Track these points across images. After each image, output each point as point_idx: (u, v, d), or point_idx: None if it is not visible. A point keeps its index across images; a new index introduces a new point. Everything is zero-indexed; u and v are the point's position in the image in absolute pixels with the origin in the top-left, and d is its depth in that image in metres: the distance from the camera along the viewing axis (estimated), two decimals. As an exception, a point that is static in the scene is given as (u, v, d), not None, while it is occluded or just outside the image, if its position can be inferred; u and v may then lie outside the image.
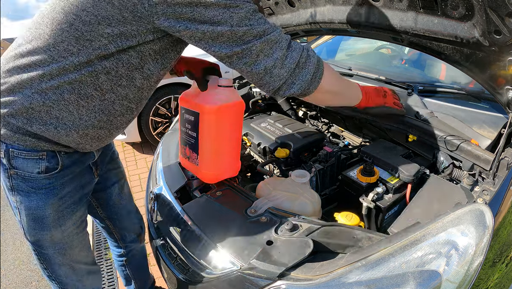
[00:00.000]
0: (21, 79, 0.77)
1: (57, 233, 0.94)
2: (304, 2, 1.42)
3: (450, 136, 1.08)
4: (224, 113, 0.96)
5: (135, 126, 3.16)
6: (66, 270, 1.03)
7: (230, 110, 0.97)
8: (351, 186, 1.17)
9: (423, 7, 0.99)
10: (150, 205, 1.32)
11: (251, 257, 0.82)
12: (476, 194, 0.88)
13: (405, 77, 1.60)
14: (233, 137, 1.03)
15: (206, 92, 0.97)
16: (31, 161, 0.83)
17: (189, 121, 1.00)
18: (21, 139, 0.81)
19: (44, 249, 0.96)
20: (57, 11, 0.75)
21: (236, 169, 1.11)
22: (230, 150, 1.05)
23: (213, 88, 0.98)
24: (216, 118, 0.95)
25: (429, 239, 0.71)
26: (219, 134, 0.98)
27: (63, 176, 0.89)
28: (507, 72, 0.93)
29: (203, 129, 0.96)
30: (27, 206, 0.88)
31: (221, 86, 0.96)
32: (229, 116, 0.98)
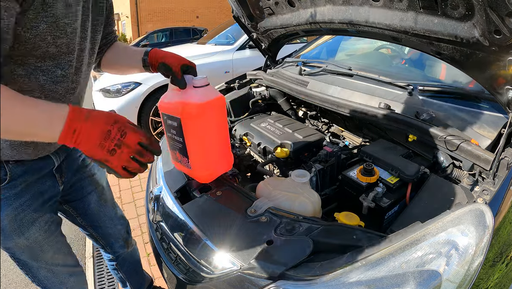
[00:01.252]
0: None
1: (21, 241, 0.91)
2: (304, 2, 1.42)
3: (450, 136, 1.08)
4: (205, 113, 0.93)
5: (135, 126, 3.16)
6: (45, 273, 1.02)
7: (211, 109, 0.94)
8: (351, 186, 1.17)
9: (423, 7, 0.99)
10: (150, 205, 1.32)
11: (251, 257, 0.82)
12: (476, 194, 0.88)
13: (405, 77, 1.60)
14: (219, 133, 1.01)
15: (183, 95, 0.92)
16: None
17: (173, 127, 0.96)
18: None
19: (17, 256, 0.95)
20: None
21: (229, 163, 1.09)
22: (219, 147, 1.03)
23: (189, 90, 0.92)
24: (198, 120, 0.92)
25: (429, 239, 0.71)
26: (205, 135, 0.96)
27: (14, 186, 0.85)
28: (507, 72, 0.93)
29: (187, 133, 0.93)
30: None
31: (196, 87, 0.91)
32: (211, 114, 0.95)
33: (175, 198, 1.16)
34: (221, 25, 5.06)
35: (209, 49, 3.84)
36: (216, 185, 1.15)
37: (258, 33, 1.90)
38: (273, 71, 2.03)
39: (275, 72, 2.00)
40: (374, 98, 1.42)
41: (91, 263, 2.15)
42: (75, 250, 2.31)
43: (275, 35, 1.80)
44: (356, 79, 1.61)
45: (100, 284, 1.97)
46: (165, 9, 17.53)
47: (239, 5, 1.70)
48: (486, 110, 1.17)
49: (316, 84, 1.68)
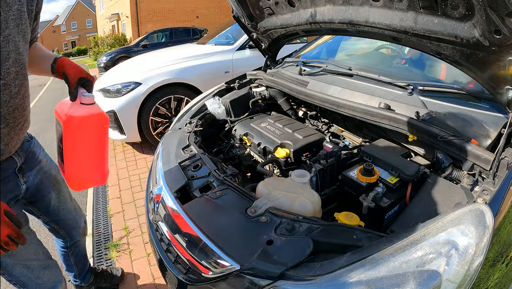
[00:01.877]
0: None
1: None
2: (304, 2, 1.42)
3: (450, 137, 1.08)
4: (82, 127, 0.98)
5: (135, 126, 3.16)
6: (20, 269, 1.07)
7: (89, 125, 1.00)
8: (351, 186, 1.17)
9: (423, 7, 0.99)
10: (150, 205, 1.32)
11: (251, 257, 0.82)
12: (476, 194, 0.88)
13: (405, 77, 1.60)
14: (95, 148, 1.06)
15: (72, 106, 0.98)
16: None
17: (59, 131, 1.01)
18: None
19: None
20: None
21: (103, 178, 1.11)
22: (92, 161, 1.07)
23: (77, 103, 0.99)
24: (75, 132, 0.97)
25: (429, 239, 0.71)
26: (79, 146, 1.01)
27: None
28: (507, 72, 0.93)
29: (65, 140, 0.98)
30: None
31: (83, 104, 0.98)
32: (88, 130, 1.01)
33: (175, 198, 1.16)
34: (221, 25, 5.05)
35: (209, 49, 3.84)
36: (216, 185, 1.15)
37: (258, 33, 1.90)
38: (273, 71, 2.03)
39: (275, 72, 2.00)
40: (374, 98, 1.42)
41: (91, 263, 2.15)
42: (75, 250, 2.31)
43: (275, 35, 1.80)
44: (356, 79, 1.61)
45: (100, 284, 1.97)
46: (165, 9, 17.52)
47: (239, 5, 1.70)
48: (486, 110, 1.17)
49: (316, 84, 1.68)
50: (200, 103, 1.95)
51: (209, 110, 1.80)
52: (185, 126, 1.70)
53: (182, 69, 3.30)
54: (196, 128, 1.66)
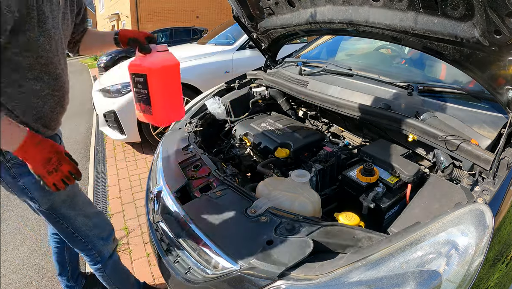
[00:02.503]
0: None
1: (61, 192, 1.09)
2: (304, 2, 1.42)
3: (450, 136, 1.08)
4: (164, 71, 1.20)
5: (135, 126, 3.16)
6: (81, 219, 1.23)
7: (169, 69, 1.21)
8: (351, 186, 1.17)
9: (423, 7, 0.99)
10: (150, 205, 1.32)
11: (251, 257, 0.82)
12: (476, 193, 0.88)
13: (405, 77, 1.60)
14: (174, 89, 1.28)
15: (149, 58, 1.19)
16: None
17: (140, 82, 1.22)
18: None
19: (58, 210, 1.16)
20: None
21: (182, 113, 1.35)
22: (174, 99, 1.29)
23: (154, 54, 1.20)
24: (159, 75, 1.18)
25: (429, 239, 0.71)
26: (164, 87, 1.23)
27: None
28: (507, 72, 0.93)
29: (151, 85, 1.18)
30: (32, 182, 1.06)
31: (159, 52, 1.20)
32: (169, 74, 1.22)
33: (175, 198, 1.16)
34: (221, 25, 5.05)
35: (209, 49, 3.84)
36: (216, 185, 1.15)
37: (258, 33, 1.90)
38: (273, 71, 2.03)
39: (275, 72, 2.00)
40: (374, 98, 1.42)
41: (91, 263, 2.15)
42: (75, 250, 2.32)
43: (275, 35, 1.80)
44: (356, 79, 1.61)
45: (100, 284, 1.97)
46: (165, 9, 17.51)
47: (239, 5, 1.70)
48: (486, 110, 1.17)
49: (316, 84, 1.68)
50: (200, 103, 1.95)
51: (209, 110, 1.80)
52: (185, 126, 1.70)
53: (182, 69, 3.28)
54: (196, 128, 1.66)
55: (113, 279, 1.41)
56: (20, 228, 2.69)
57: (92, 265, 1.35)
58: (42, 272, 2.14)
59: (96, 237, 1.29)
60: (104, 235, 1.32)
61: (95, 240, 1.29)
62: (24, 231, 2.63)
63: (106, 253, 1.34)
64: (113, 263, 1.38)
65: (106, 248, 1.34)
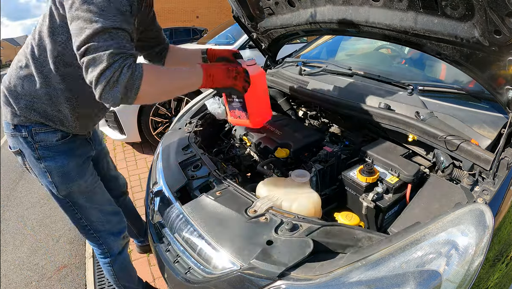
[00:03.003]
0: (23, 88, 1.07)
1: (82, 182, 1.20)
2: (304, 2, 1.42)
3: (450, 136, 1.08)
4: (257, 81, 1.37)
5: (135, 126, 3.16)
6: (96, 213, 1.28)
7: (259, 78, 1.41)
8: (351, 186, 1.17)
9: (423, 7, 0.99)
10: (150, 205, 1.32)
11: (251, 257, 0.82)
12: (476, 194, 0.88)
13: (405, 77, 1.60)
14: (264, 95, 1.50)
15: None
16: (49, 133, 1.12)
17: (231, 93, 1.42)
18: (38, 119, 1.09)
19: (75, 199, 1.22)
20: (29, 38, 1.07)
21: (270, 114, 1.56)
22: (264, 103, 1.51)
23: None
24: (253, 85, 1.32)
25: (429, 239, 0.71)
26: (257, 94, 1.42)
27: (74, 141, 1.18)
28: (507, 72, 0.93)
29: (247, 95, 1.36)
30: (55, 166, 1.14)
31: (248, 66, 1.37)
32: (260, 82, 1.43)
33: (175, 198, 1.16)
34: (221, 25, 5.05)
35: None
36: (216, 185, 1.15)
37: (258, 33, 1.90)
38: (273, 71, 2.03)
39: (275, 72, 2.00)
40: (374, 98, 1.42)
41: (91, 263, 2.15)
42: (75, 250, 2.32)
43: (275, 35, 1.80)
44: (356, 79, 1.61)
45: (100, 284, 1.97)
46: (165, 9, 17.50)
47: (239, 5, 1.70)
48: (486, 110, 1.17)
49: (316, 84, 1.67)
50: (200, 103, 1.95)
51: (209, 110, 1.80)
52: (185, 126, 1.70)
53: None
54: (196, 128, 1.66)
55: (119, 276, 1.45)
56: (20, 228, 2.69)
57: (102, 258, 1.39)
58: (42, 272, 2.14)
59: (107, 232, 1.34)
60: (115, 231, 1.37)
61: (105, 235, 1.33)
62: (24, 231, 2.63)
63: (116, 249, 1.38)
64: (122, 260, 1.42)
65: (116, 243, 1.38)
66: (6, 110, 1.11)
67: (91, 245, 1.38)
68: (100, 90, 0.85)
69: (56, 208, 2.92)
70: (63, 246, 2.38)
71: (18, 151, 1.14)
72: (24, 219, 2.81)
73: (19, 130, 1.10)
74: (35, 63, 1.05)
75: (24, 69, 1.07)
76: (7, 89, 1.09)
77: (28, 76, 1.07)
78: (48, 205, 3.00)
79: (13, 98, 1.08)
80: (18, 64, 1.08)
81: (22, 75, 1.07)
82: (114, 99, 0.87)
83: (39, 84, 1.06)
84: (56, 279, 2.07)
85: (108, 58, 0.84)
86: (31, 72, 1.06)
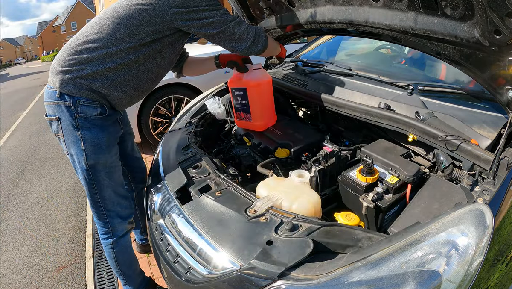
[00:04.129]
0: (91, 55, 1.21)
1: (108, 157, 1.32)
2: (304, 2, 1.42)
3: (450, 136, 1.08)
4: (261, 85, 1.49)
5: (135, 126, 3.16)
6: (110, 192, 1.37)
7: (266, 83, 1.52)
8: (351, 186, 1.17)
9: (423, 7, 0.99)
10: (150, 205, 1.32)
11: (251, 257, 0.82)
12: (476, 194, 0.88)
13: (405, 77, 1.60)
14: (268, 99, 1.57)
15: (247, 75, 1.50)
16: (90, 107, 1.25)
17: (239, 95, 1.53)
18: (85, 94, 1.23)
19: (98, 172, 1.31)
20: (115, 17, 1.22)
21: (274, 119, 1.63)
22: (268, 108, 1.58)
23: (250, 72, 1.50)
24: (257, 88, 1.45)
25: (429, 239, 0.71)
26: (261, 98, 1.51)
27: (108, 119, 1.31)
28: (507, 72, 0.93)
29: (251, 97, 1.47)
30: (90, 136, 1.26)
31: (255, 69, 1.50)
32: (266, 87, 1.53)
33: (175, 198, 1.16)
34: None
35: (209, 49, 3.84)
36: (216, 185, 1.15)
37: (258, 33, 1.89)
38: (273, 71, 2.03)
39: (275, 72, 2.00)
40: (374, 98, 1.42)
41: (91, 263, 2.15)
42: (75, 250, 2.32)
43: (275, 35, 1.80)
44: (356, 79, 1.61)
45: (100, 284, 1.97)
46: (165, 9, 17.49)
47: (239, 5, 1.70)
48: (486, 110, 1.17)
49: (316, 84, 1.68)
50: (200, 103, 1.95)
51: (209, 110, 1.80)
52: (185, 126, 1.70)
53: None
54: (196, 128, 1.66)
55: (119, 260, 1.50)
56: (20, 228, 2.69)
57: (104, 239, 1.46)
58: (42, 272, 2.14)
59: (116, 213, 1.41)
60: (123, 214, 1.44)
61: (113, 215, 1.41)
62: (24, 231, 2.63)
63: (120, 231, 1.45)
64: (123, 243, 1.48)
65: (120, 226, 1.45)
66: (56, 78, 1.22)
67: (97, 224, 1.44)
68: (252, 37, 1.34)
69: (56, 208, 2.92)
70: (63, 246, 2.38)
71: (56, 118, 1.25)
72: (24, 219, 2.81)
73: (64, 99, 1.22)
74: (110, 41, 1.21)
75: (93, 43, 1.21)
76: (71, 55, 1.21)
77: (99, 47, 1.21)
78: (48, 205, 3.00)
79: (78, 64, 1.20)
80: (87, 38, 1.22)
81: (92, 47, 1.21)
82: (262, 42, 1.37)
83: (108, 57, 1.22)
84: (56, 279, 2.07)
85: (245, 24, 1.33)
86: (106, 44, 1.21)
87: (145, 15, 1.20)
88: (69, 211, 2.84)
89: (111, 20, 1.22)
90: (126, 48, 1.23)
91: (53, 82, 1.24)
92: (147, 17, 1.21)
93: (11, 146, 5.04)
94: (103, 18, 1.25)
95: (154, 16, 1.21)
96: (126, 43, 1.22)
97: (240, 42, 1.33)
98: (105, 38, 1.22)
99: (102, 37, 1.22)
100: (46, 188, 3.35)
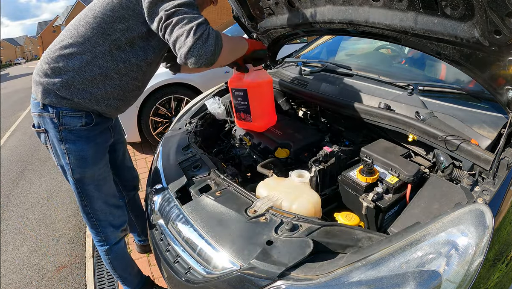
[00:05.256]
0: (66, 64, 1.12)
1: (95, 170, 1.27)
2: (304, 2, 1.42)
3: (450, 136, 1.08)
4: (263, 86, 1.48)
5: (135, 126, 3.16)
6: (101, 204, 1.33)
7: (266, 84, 1.50)
8: (351, 186, 1.17)
9: (423, 7, 0.99)
10: (150, 205, 1.32)
11: (251, 257, 0.82)
12: (476, 194, 0.88)
13: (405, 77, 1.60)
14: (268, 99, 1.55)
15: (247, 76, 1.46)
16: (75, 118, 1.17)
17: (240, 96, 1.51)
18: (68, 103, 1.15)
19: (86, 185, 1.26)
20: (89, 17, 1.12)
21: (274, 120, 1.59)
22: (268, 108, 1.56)
23: (250, 72, 1.46)
24: (257, 89, 1.43)
25: (429, 239, 0.71)
26: (261, 98, 1.49)
27: (95, 129, 1.24)
28: (507, 72, 0.93)
29: (252, 98, 1.45)
30: (74, 149, 1.20)
31: (255, 70, 1.46)
32: (266, 87, 1.51)
33: (175, 198, 1.16)
34: (221, 25, 5.05)
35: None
36: (216, 185, 1.15)
37: (258, 33, 1.89)
38: (273, 71, 2.03)
39: (275, 72, 2.00)
40: (374, 98, 1.42)
41: (91, 263, 2.15)
42: (75, 250, 2.32)
43: (275, 35, 1.80)
44: (356, 79, 1.61)
45: (100, 284, 1.97)
46: (165, 9, 17.50)
47: (239, 5, 1.70)
48: (486, 110, 1.17)
49: (316, 84, 1.67)
50: (200, 103, 1.95)
51: (209, 110, 1.80)
52: (185, 126, 1.70)
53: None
54: (196, 128, 1.66)
55: (114, 265, 1.50)
56: (20, 228, 2.69)
57: (99, 246, 1.44)
58: (42, 272, 2.14)
59: (108, 223, 1.38)
60: (115, 224, 1.41)
61: (105, 224, 1.38)
62: (24, 231, 2.63)
63: (113, 239, 1.43)
64: (117, 250, 1.47)
65: (113, 235, 1.43)
66: (37, 88, 1.16)
67: (90, 232, 1.43)
68: (192, 43, 0.98)
69: (56, 208, 2.92)
70: (63, 246, 2.38)
71: (43, 130, 1.21)
72: (24, 219, 2.81)
73: (47, 110, 1.16)
74: (89, 43, 1.12)
75: (70, 48, 1.13)
76: (48, 63, 1.13)
77: (74, 53, 1.13)
78: (48, 205, 3.00)
79: (54, 74, 1.12)
80: (62, 43, 1.14)
81: (66, 53, 1.13)
82: (206, 53, 1.01)
83: (88, 61, 1.13)
84: (56, 279, 2.07)
85: (200, 19, 1.01)
86: (80, 50, 1.12)
87: (118, 9, 1.10)
88: (69, 211, 2.84)
89: (85, 21, 1.13)
90: (102, 53, 1.12)
91: (36, 92, 1.18)
92: (120, 11, 1.10)
93: (11, 146, 5.04)
94: (78, 19, 1.16)
95: (127, 8, 1.10)
96: (100, 46, 1.12)
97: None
98: (79, 42, 1.11)
99: (76, 41, 1.12)
100: (46, 188, 3.35)
